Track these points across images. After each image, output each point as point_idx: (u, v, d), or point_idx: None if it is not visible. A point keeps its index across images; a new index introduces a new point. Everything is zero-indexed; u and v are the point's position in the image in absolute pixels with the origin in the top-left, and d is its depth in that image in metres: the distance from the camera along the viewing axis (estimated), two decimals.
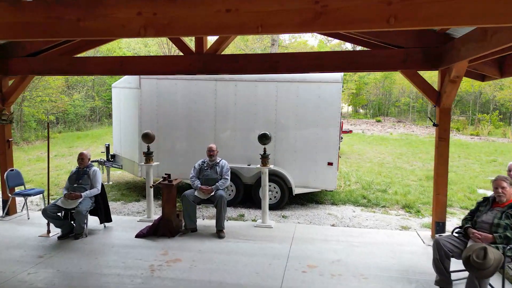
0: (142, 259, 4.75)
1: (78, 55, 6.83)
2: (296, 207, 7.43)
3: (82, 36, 2.91)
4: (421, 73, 5.71)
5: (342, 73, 6.93)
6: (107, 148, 9.11)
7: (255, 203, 7.37)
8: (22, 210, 6.87)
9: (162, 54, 27.70)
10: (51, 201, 5.88)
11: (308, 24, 2.56)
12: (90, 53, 20.63)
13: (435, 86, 5.45)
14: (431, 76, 20.00)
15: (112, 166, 8.96)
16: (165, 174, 5.89)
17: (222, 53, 5.83)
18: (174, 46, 28.77)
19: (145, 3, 2.76)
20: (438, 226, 5.35)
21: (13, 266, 4.54)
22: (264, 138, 6.04)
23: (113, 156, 9.03)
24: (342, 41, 35.17)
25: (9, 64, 6.25)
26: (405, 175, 10.55)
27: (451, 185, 9.27)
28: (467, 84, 26.80)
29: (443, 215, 5.35)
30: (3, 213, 6.55)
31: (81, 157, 5.75)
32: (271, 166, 6.15)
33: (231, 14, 2.65)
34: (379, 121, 31.41)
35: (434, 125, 5.29)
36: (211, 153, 6.05)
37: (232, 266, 4.53)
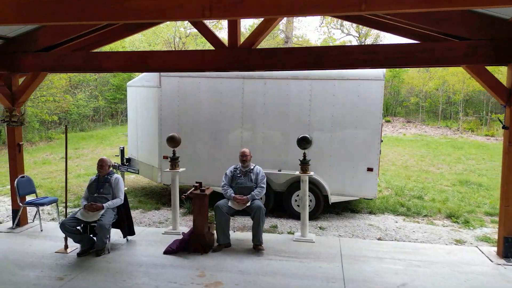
0: (177, 282, 4.14)
1: (95, 50, 6.25)
2: (331, 216, 6.81)
3: (127, 19, 2.33)
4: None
5: (384, 69, 6.32)
6: (122, 151, 8.49)
7: (287, 212, 6.76)
8: (33, 221, 6.26)
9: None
10: (68, 212, 5.28)
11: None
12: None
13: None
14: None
15: (127, 171, 8.34)
16: (196, 182, 5.27)
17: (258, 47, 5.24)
18: (181, 45, 27.95)
19: None
20: (507, 242, 4.73)
21: None
22: (304, 142, 5.42)
23: (128, 159, 8.42)
24: (345, 40, 34.48)
25: (19, 60, 5.64)
26: (436, 179, 9.93)
27: (490, 191, 8.66)
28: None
29: None
30: (13, 225, 5.93)
31: (101, 164, 5.13)
32: (312, 173, 5.53)
33: None
34: (388, 121, 30.76)
35: (503, 127, 4.67)
36: (244, 158, 5.45)
37: None
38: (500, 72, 17.59)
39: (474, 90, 27.47)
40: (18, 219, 5.91)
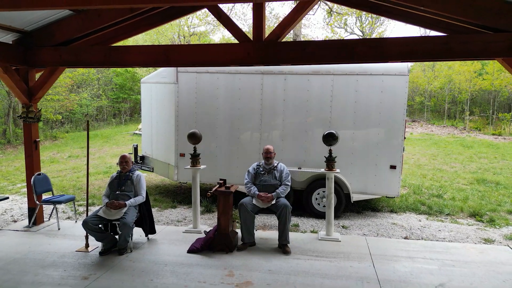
0: (207, 281, 4.00)
1: (115, 45, 6.10)
2: (352, 215, 6.67)
3: (178, 1, 2.15)
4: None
5: (409, 64, 6.17)
6: (135, 149, 8.34)
7: (307, 211, 6.62)
8: (49, 219, 6.12)
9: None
10: (89, 210, 5.14)
11: None
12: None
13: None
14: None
15: (141, 169, 8.19)
16: (220, 179, 5.14)
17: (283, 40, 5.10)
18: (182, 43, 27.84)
19: None
20: None
21: None
22: (330, 138, 5.28)
23: (142, 157, 8.27)
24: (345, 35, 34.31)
25: (37, 55, 5.52)
26: (452, 178, 9.78)
27: (509, 190, 8.52)
28: (487, 83, 26.11)
29: None
30: (29, 223, 5.80)
31: (125, 160, 4.99)
32: (338, 171, 5.38)
33: None
34: None
35: None
36: (268, 155, 5.31)
37: None
38: None
39: (480, 89, 27.36)
40: (35, 217, 5.78)
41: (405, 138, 6.42)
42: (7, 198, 6.08)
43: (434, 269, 4.33)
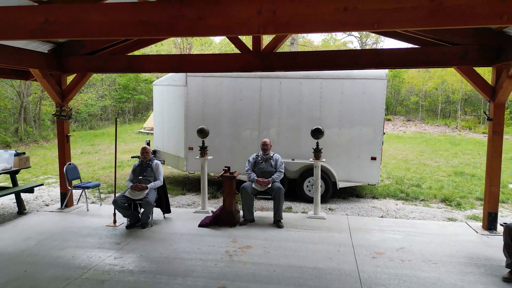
0: (215, 245, 5.00)
1: (132, 54, 7.08)
2: (339, 200, 7.67)
3: (202, 34, 3.15)
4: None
5: (387, 70, 7.15)
6: (148, 144, 9.33)
7: (299, 197, 7.61)
8: (77, 203, 7.11)
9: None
10: (117, 193, 6.13)
11: (424, 20, 2.80)
12: None
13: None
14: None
15: None
16: (225, 166, 6.13)
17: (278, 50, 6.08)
18: (187, 46, 28.66)
19: (265, 2, 3.00)
20: (491, 217, 5.58)
21: (97, 252, 4.79)
22: (317, 133, 6.27)
23: (154, 151, 9.27)
24: (346, 40, 35.42)
25: (68, 62, 6.50)
26: (433, 171, 10.78)
27: (482, 181, 9.50)
28: None
29: (496, 206, 5.58)
30: (62, 206, 6.79)
31: (146, 151, 5.99)
32: (324, 160, 6.38)
33: (349, 13, 2.90)
34: (389, 119, 31.60)
35: (488, 119, 5.52)
36: (265, 147, 6.29)
37: (303, 253, 4.78)
38: (482, 74, 18.46)
39: (472, 90, 28.32)
40: (66, 201, 6.77)
41: (384, 133, 7.41)
42: (42, 184, 7.08)
43: (399, 238, 5.33)
